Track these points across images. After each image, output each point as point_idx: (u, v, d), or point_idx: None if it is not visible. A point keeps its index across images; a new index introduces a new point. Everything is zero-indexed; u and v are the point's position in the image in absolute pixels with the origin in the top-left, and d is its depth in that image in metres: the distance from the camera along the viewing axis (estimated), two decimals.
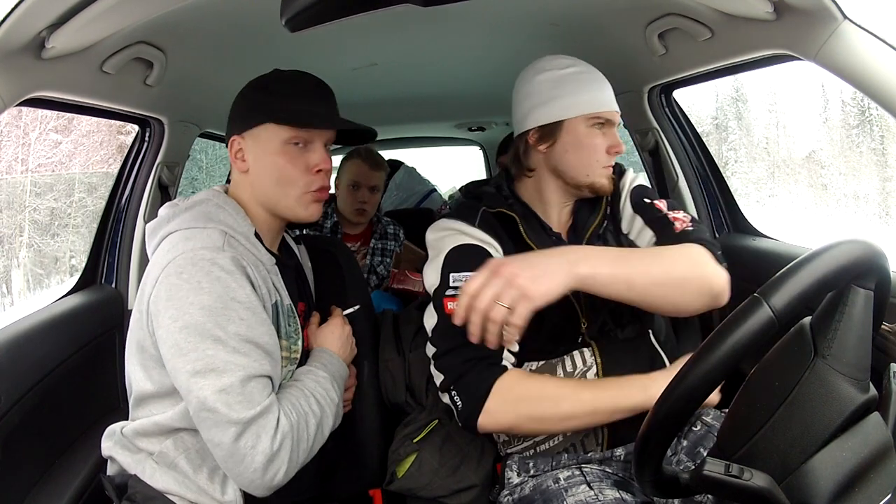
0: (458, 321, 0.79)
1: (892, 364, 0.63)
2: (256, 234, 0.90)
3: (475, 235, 1.00)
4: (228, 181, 0.99)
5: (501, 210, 1.03)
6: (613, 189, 1.06)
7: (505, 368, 0.93)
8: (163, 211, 0.89)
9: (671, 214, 1.02)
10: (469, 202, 1.07)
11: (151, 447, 0.84)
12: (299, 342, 0.92)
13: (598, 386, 0.93)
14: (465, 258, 0.96)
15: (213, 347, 0.75)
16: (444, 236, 1.01)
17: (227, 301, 0.77)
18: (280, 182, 0.90)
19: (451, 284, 0.95)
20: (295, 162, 0.90)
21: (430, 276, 1.00)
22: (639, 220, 1.04)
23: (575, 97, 0.99)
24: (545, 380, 0.94)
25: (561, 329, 0.99)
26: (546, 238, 1.04)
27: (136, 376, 0.85)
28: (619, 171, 1.10)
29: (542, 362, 1.00)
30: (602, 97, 1.01)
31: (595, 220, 1.05)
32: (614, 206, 1.08)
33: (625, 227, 1.06)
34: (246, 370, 0.76)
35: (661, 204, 1.05)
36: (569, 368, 0.99)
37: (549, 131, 1.01)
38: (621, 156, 1.06)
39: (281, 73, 0.94)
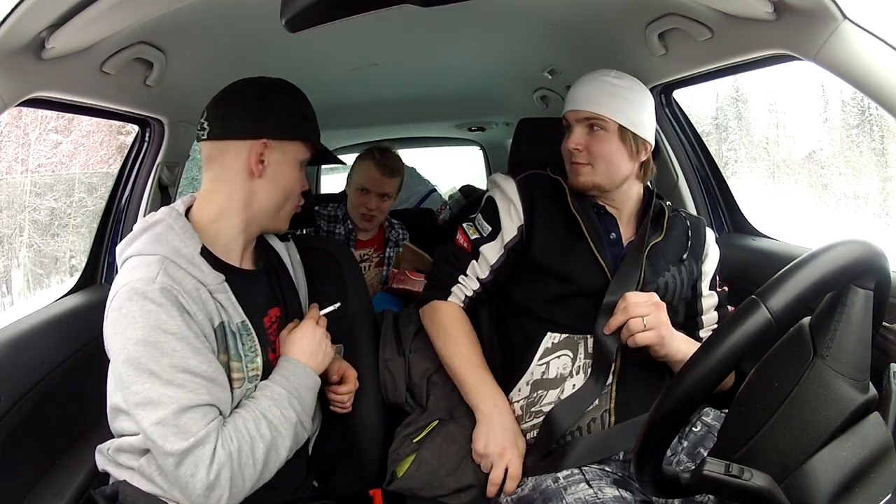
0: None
1: (892, 364, 0.63)
2: (206, 251, 0.88)
3: (506, 192, 1.14)
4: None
5: (559, 178, 1.14)
6: (698, 234, 1.15)
7: (445, 295, 1.14)
8: (135, 227, 0.90)
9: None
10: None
11: (131, 463, 0.86)
12: (258, 359, 0.89)
13: (471, 372, 1.08)
14: (490, 210, 1.15)
15: (150, 381, 0.77)
16: (492, 187, 1.18)
17: (159, 334, 0.78)
18: (287, 196, 0.94)
19: (474, 221, 1.16)
20: (300, 180, 0.96)
21: (479, 209, 1.18)
22: (714, 298, 1.15)
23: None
24: (457, 332, 1.11)
25: (591, 310, 1.04)
26: (591, 208, 1.11)
27: (110, 387, 0.87)
28: (704, 225, 1.18)
29: (565, 335, 1.05)
30: (574, 98, 1.09)
31: (675, 245, 1.12)
32: (698, 247, 1.15)
33: (704, 289, 1.15)
34: (180, 402, 0.77)
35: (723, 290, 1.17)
36: (590, 350, 1.03)
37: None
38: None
39: (301, 93, 0.96)
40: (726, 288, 1.17)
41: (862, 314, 0.58)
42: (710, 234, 1.19)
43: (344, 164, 1.08)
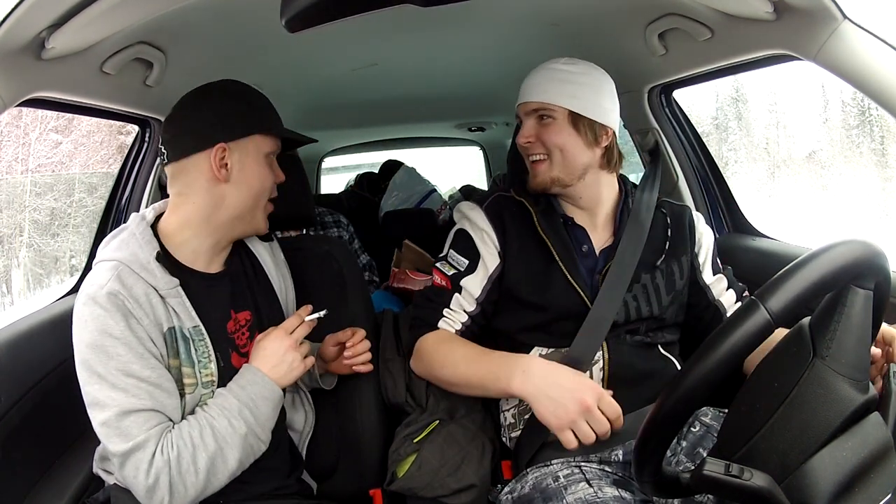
0: None
1: (891, 364, 0.63)
2: (166, 256, 0.88)
3: (475, 221, 1.09)
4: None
5: (523, 200, 1.09)
6: (680, 224, 1.10)
7: (431, 329, 1.06)
8: (110, 234, 0.91)
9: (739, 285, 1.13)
10: (497, 188, 1.15)
11: (113, 469, 0.87)
12: (211, 364, 0.88)
13: (479, 362, 0.99)
14: (462, 242, 1.10)
15: (98, 382, 0.80)
16: (459, 218, 1.14)
17: (105, 337, 0.80)
18: (259, 194, 0.92)
19: (447, 258, 1.10)
20: (270, 174, 0.93)
21: (446, 244, 1.13)
22: (724, 282, 1.11)
23: None
24: (449, 346, 1.03)
25: (575, 329, 1.01)
26: (561, 226, 1.06)
27: None
28: (689, 213, 1.13)
29: (551, 349, 1.03)
30: (522, 91, 1.07)
31: (651, 248, 1.06)
32: (680, 242, 1.10)
33: (707, 279, 1.10)
34: (122, 405, 0.79)
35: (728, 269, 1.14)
36: None
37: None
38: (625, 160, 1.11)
39: (244, 86, 0.94)
40: (730, 267, 1.14)
41: (862, 314, 0.59)
42: (698, 220, 1.14)
43: (315, 140, 1.04)
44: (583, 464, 0.97)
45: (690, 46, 1.20)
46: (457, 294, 1.07)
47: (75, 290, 1.42)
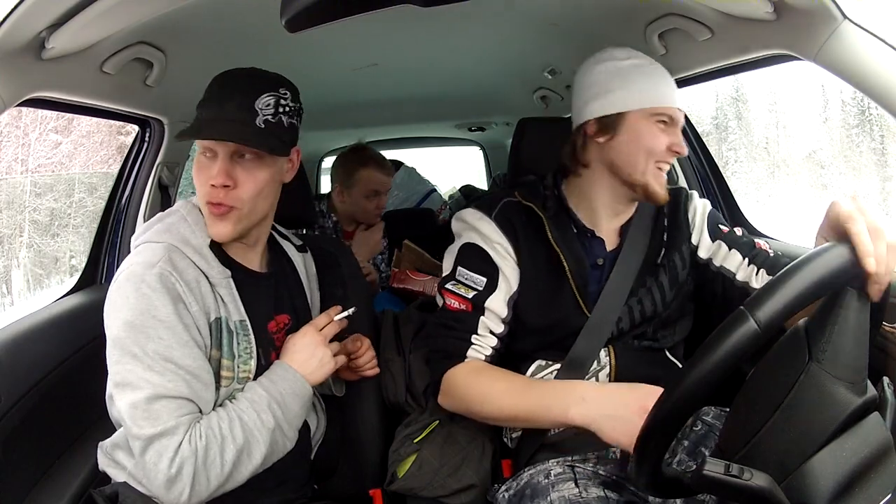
0: None
1: (884, 378, 0.63)
2: (216, 246, 0.87)
3: (487, 234, 1.01)
4: None
5: (532, 206, 1.01)
6: (676, 210, 1.05)
7: (460, 360, 0.97)
8: (151, 220, 0.90)
9: (757, 241, 1.05)
10: (500, 192, 1.06)
11: (126, 462, 0.84)
12: (252, 361, 0.87)
13: (526, 394, 0.92)
14: (473, 258, 1.01)
15: (132, 363, 0.77)
16: (463, 229, 1.04)
17: (148, 318, 0.78)
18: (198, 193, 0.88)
19: (457, 277, 1.01)
20: (199, 174, 0.86)
21: (447, 261, 1.04)
22: (723, 247, 1.04)
23: (637, 89, 0.95)
24: (486, 379, 0.95)
25: (573, 336, 0.99)
26: (576, 240, 1.00)
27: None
28: (684, 195, 1.08)
29: (550, 361, 1.01)
30: (667, 92, 0.97)
31: (652, 246, 1.02)
32: (677, 229, 1.05)
33: (703, 253, 1.04)
34: (156, 389, 0.77)
35: (738, 230, 1.07)
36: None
37: (609, 124, 0.96)
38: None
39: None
40: (737, 228, 1.08)
41: (858, 316, 0.58)
42: (692, 197, 1.08)
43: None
44: (577, 464, 0.97)
45: (690, 46, 1.20)
46: (482, 317, 0.98)
47: (75, 290, 1.42)
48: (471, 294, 0.99)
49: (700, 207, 1.08)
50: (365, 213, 1.83)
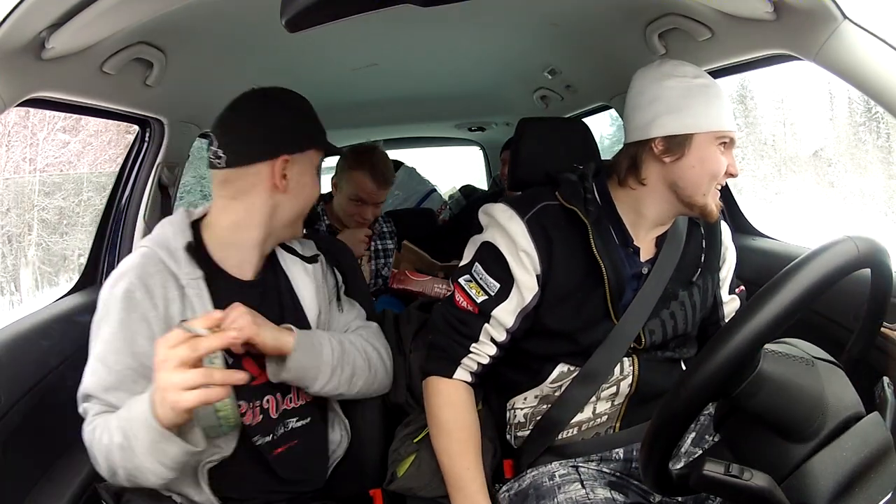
0: None
1: (884, 378, 0.63)
2: (196, 249, 0.89)
3: (514, 236, 0.96)
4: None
5: (575, 210, 0.96)
6: (713, 233, 1.05)
7: (450, 371, 0.99)
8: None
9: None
10: (540, 189, 1.01)
11: None
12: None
13: (459, 469, 0.96)
14: (492, 261, 0.97)
15: (92, 350, 0.86)
16: (490, 224, 1.00)
17: (102, 323, 0.85)
18: (309, 204, 0.97)
19: (472, 273, 0.99)
20: (318, 186, 0.99)
21: (468, 250, 1.02)
22: (735, 302, 1.10)
23: (707, 111, 0.93)
24: (451, 425, 0.98)
25: (596, 340, 0.97)
26: (618, 251, 0.97)
27: None
28: (719, 228, 1.08)
29: (573, 367, 0.98)
30: (730, 115, 0.96)
31: (686, 261, 1.02)
32: (713, 255, 1.05)
33: (723, 294, 1.09)
34: (101, 379, 0.84)
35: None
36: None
37: (678, 144, 0.93)
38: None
39: (302, 98, 0.96)
40: (743, 287, 1.13)
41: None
42: (727, 233, 1.09)
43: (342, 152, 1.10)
44: (581, 465, 0.97)
45: (690, 46, 1.20)
46: (486, 324, 0.97)
47: (75, 290, 1.42)
48: (480, 298, 0.97)
49: (731, 251, 1.10)
50: (346, 215, 1.74)
